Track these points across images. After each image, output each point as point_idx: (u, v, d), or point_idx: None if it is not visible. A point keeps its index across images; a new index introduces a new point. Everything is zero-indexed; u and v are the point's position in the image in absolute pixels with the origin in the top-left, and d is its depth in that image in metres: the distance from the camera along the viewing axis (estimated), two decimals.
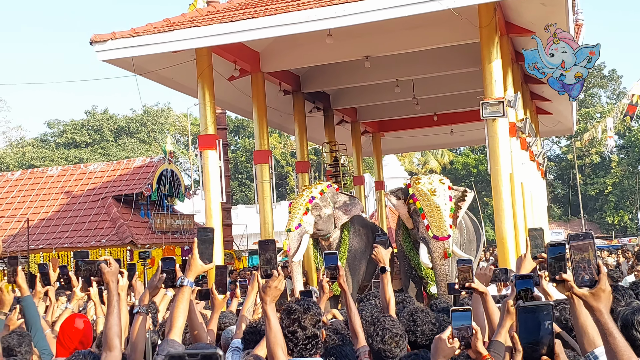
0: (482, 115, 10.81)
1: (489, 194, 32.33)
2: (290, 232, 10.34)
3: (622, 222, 49.82)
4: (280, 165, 52.48)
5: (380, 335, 3.36)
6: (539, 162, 17.95)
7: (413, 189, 9.80)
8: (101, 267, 3.00)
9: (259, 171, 14.39)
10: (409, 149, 32.22)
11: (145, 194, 18.53)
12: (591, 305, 2.11)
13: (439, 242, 9.33)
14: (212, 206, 12.30)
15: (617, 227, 49.56)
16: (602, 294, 2.11)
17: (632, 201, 50.15)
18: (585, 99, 54.49)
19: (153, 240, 18.09)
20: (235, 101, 16.21)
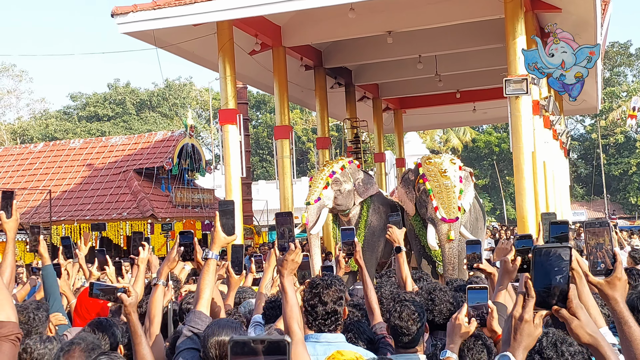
0: (505, 93, 10.68)
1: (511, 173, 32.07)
2: (309, 205, 10.34)
3: None
4: (302, 142, 52.45)
5: (398, 312, 3.34)
6: (562, 140, 17.74)
7: (423, 168, 9.69)
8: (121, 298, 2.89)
9: (279, 147, 14.39)
10: (430, 126, 32.04)
11: (166, 168, 18.61)
12: (606, 293, 2.07)
13: (447, 224, 9.26)
14: (232, 181, 12.34)
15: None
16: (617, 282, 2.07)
17: None
18: (610, 78, 53.57)
19: (173, 214, 18.21)
20: (256, 76, 16.17)
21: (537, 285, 1.77)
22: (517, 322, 1.79)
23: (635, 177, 49.26)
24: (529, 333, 1.79)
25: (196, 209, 19.65)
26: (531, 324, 1.78)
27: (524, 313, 1.78)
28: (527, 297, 1.78)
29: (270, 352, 1.26)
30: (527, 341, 1.80)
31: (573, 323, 1.75)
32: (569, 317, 1.75)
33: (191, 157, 19.54)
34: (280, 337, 1.26)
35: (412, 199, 10.02)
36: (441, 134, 51.37)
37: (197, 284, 3.15)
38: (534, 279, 1.77)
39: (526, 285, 1.78)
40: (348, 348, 3.12)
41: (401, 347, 3.38)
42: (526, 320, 1.78)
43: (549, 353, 2.49)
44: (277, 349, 1.26)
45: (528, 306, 1.77)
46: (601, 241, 2.14)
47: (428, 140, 47.90)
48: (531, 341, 1.80)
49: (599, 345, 1.78)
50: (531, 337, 1.79)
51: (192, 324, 2.98)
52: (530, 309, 1.78)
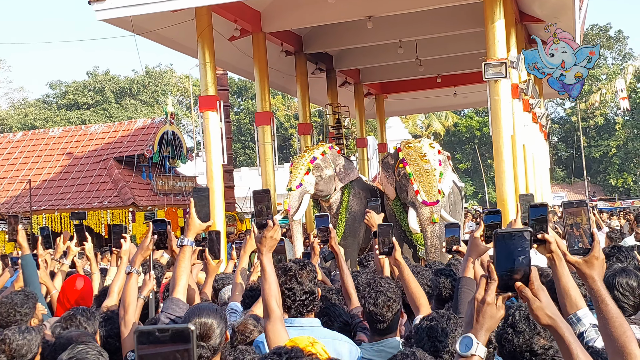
0: (485, 77, 10.73)
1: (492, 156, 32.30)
2: (291, 191, 10.35)
3: (625, 184, 49.76)
4: (284, 128, 52.36)
5: (374, 298, 3.34)
6: (541, 124, 17.85)
7: (403, 153, 9.76)
8: None
9: (261, 133, 14.35)
10: (412, 111, 32.04)
11: (147, 156, 18.51)
12: (584, 272, 2.11)
13: (428, 207, 9.33)
14: (214, 168, 12.30)
15: (620, 189, 49.53)
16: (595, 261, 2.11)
17: (635, 163, 50.00)
18: None
19: (155, 202, 18.13)
20: (236, 62, 16.08)
21: (499, 269, 1.80)
22: (480, 304, 1.82)
23: (615, 159, 49.74)
24: (491, 315, 1.81)
25: (178, 196, 19.58)
26: (493, 306, 1.81)
27: (486, 296, 1.81)
28: (489, 280, 1.81)
29: (176, 340, 1.27)
30: (490, 323, 1.82)
31: (535, 304, 1.78)
32: (532, 298, 1.78)
33: (172, 144, 19.44)
34: (184, 325, 1.26)
35: (392, 183, 10.09)
36: (423, 119, 51.47)
37: (173, 271, 3.17)
38: (496, 263, 1.80)
39: (488, 268, 1.81)
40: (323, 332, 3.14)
41: (377, 334, 3.40)
42: (488, 303, 1.80)
43: (522, 326, 2.54)
44: (182, 337, 1.27)
45: (490, 289, 1.80)
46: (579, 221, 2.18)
47: (410, 125, 47.98)
48: (493, 323, 1.83)
49: (558, 327, 1.81)
50: (494, 319, 1.82)
51: (170, 311, 2.99)
52: (492, 292, 1.80)
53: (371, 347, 3.35)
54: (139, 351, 1.26)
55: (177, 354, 1.26)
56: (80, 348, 2.66)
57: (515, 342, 2.53)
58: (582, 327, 2.48)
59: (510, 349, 2.55)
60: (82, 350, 2.65)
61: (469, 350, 1.79)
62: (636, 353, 1.92)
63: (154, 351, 1.26)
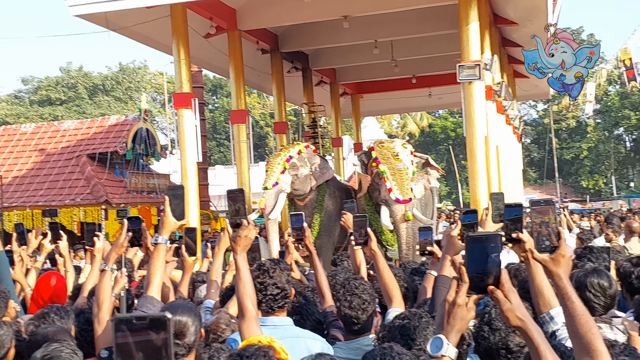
0: (459, 78, 10.83)
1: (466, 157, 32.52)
2: (267, 190, 10.34)
3: (596, 186, 50.55)
4: (260, 126, 52.25)
5: (348, 301, 3.37)
6: (515, 125, 18.06)
7: (376, 152, 9.85)
8: None
9: (236, 131, 14.33)
10: (387, 111, 32.19)
11: (120, 153, 18.33)
12: (550, 270, 2.16)
13: (401, 204, 9.43)
14: (188, 166, 12.25)
15: (591, 191, 50.26)
16: (561, 259, 2.16)
17: (607, 166, 50.80)
18: None
19: (128, 199, 17.97)
20: (211, 59, 16.02)
21: (470, 271, 1.83)
22: (451, 306, 1.85)
23: (586, 161, 50.47)
24: (462, 317, 1.84)
25: (151, 194, 19.43)
26: (464, 307, 1.84)
27: (457, 297, 1.84)
28: (460, 282, 1.84)
29: (152, 328, 1.28)
30: (460, 324, 1.85)
31: (505, 305, 1.82)
32: (502, 299, 1.82)
33: (146, 141, 19.26)
34: (161, 313, 1.28)
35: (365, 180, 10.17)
36: (398, 119, 51.73)
37: (148, 269, 3.17)
38: (468, 265, 1.84)
39: (459, 270, 1.84)
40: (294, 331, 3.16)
41: (352, 333, 3.44)
42: (459, 305, 1.84)
43: (498, 324, 2.59)
44: (159, 325, 1.29)
45: (461, 291, 1.84)
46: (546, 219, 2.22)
47: (386, 125, 48.19)
48: (464, 324, 1.86)
49: (527, 329, 1.85)
50: (464, 321, 1.85)
51: (144, 309, 2.99)
52: (463, 294, 1.84)
53: (347, 346, 3.40)
54: (117, 339, 1.28)
55: (154, 342, 1.27)
56: (55, 346, 2.65)
57: (492, 339, 2.58)
58: (554, 326, 2.54)
59: (487, 346, 2.60)
60: (56, 348, 2.65)
61: (440, 351, 1.82)
62: (602, 350, 1.97)
63: (131, 339, 1.28)
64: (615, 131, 51.58)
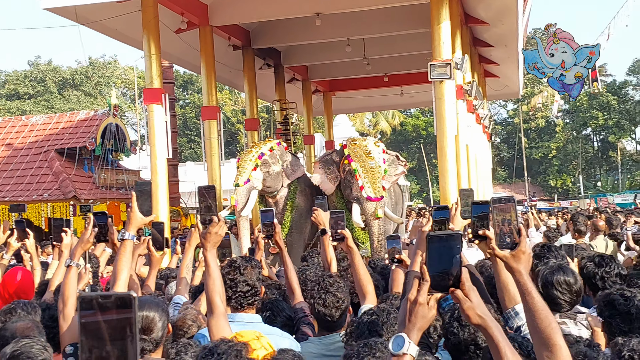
0: (430, 77, 10.92)
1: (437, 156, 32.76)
2: (239, 187, 10.33)
3: (564, 185, 51.32)
4: (231, 123, 52.06)
5: (323, 299, 3.40)
6: (485, 124, 18.26)
7: (349, 149, 9.94)
8: None
9: (207, 128, 14.26)
10: (359, 109, 32.32)
11: (89, 148, 18.13)
12: (511, 266, 2.20)
13: (373, 202, 9.51)
14: (158, 162, 12.17)
15: (559, 190, 51.01)
16: (522, 255, 2.20)
17: (574, 165, 51.55)
18: None
19: (97, 195, 17.78)
20: (183, 55, 15.92)
21: (432, 270, 1.85)
22: (412, 305, 1.86)
23: (555, 160, 51.17)
24: (423, 315, 1.86)
25: (120, 190, 19.25)
26: (425, 306, 1.85)
27: (418, 296, 1.85)
28: (422, 281, 1.86)
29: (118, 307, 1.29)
30: (422, 322, 1.87)
31: (465, 304, 1.84)
32: (462, 298, 1.84)
33: (115, 137, 19.08)
34: (127, 292, 1.29)
35: (333, 179, 10.20)
36: (370, 117, 51.94)
37: (114, 265, 3.14)
38: (429, 264, 1.86)
39: (421, 269, 1.86)
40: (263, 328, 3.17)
41: (325, 329, 3.47)
42: (420, 303, 1.85)
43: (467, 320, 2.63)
44: (124, 304, 1.29)
45: (422, 289, 1.85)
46: (508, 217, 2.26)
47: (358, 123, 48.35)
48: (425, 322, 1.87)
49: (487, 327, 1.87)
50: (425, 319, 1.87)
51: None
52: (424, 292, 1.85)
53: (320, 341, 3.43)
54: (82, 319, 1.27)
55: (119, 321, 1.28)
56: (25, 342, 2.63)
57: (461, 335, 2.62)
58: (519, 321, 2.59)
59: (456, 342, 2.64)
60: (26, 344, 2.63)
61: (401, 349, 1.83)
62: (560, 344, 2.01)
63: (96, 318, 1.28)
64: (583, 131, 52.41)
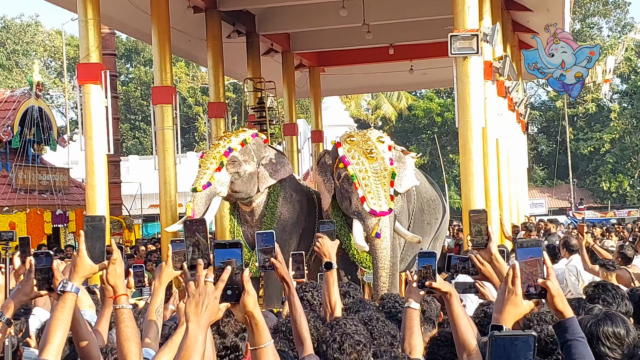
0: (451, 52, 10.99)
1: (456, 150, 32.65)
2: (197, 192, 10.37)
3: (620, 189, 51.04)
4: (187, 105, 51.93)
5: (339, 342, 3.35)
6: (519, 111, 18.39)
7: (344, 149, 9.83)
8: None
9: (159, 114, 14.28)
10: (356, 89, 32.37)
11: (4, 139, 18.15)
12: None
13: (377, 217, 9.50)
14: (95, 159, 12.21)
15: (614, 195, 50.89)
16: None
17: (633, 163, 51.32)
18: (582, 30, 55.44)
19: (14, 201, 17.79)
20: (128, 19, 15.97)
21: None
22: None
23: (608, 157, 50.91)
24: None
25: (44, 194, 19.27)
26: None
27: None
28: None
29: None
30: None
31: None
32: None
33: (38, 124, 19.11)
34: None
35: (330, 189, 10.17)
36: (369, 99, 51.94)
37: (48, 322, 3.13)
38: None
39: None
40: None
41: None
42: None
43: None
44: None
45: None
46: None
47: (353, 107, 48.44)
48: None
49: None
50: None
51: None
52: None
53: None
54: None
55: None
56: None
57: None
58: None
59: None
60: None
61: None
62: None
63: None
64: None
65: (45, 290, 3.23)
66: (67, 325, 3.01)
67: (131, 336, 3.05)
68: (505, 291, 2.62)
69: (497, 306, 2.67)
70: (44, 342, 2.99)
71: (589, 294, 4.68)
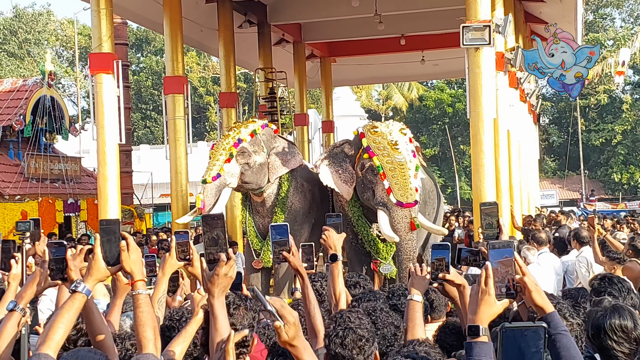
0: (463, 43, 10.96)
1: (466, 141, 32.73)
2: (207, 184, 10.40)
3: (632, 180, 50.89)
4: (198, 94, 51.95)
5: (341, 337, 3.31)
6: (531, 102, 18.35)
7: (368, 140, 9.87)
8: None
9: (171, 104, 14.33)
10: (367, 80, 32.32)
11: (16, 128, 18.21)
12: None
13: (404, 209, 9.48)
14: (107, 148, 12.25)
15: (625, 186, 50.75)
16: None
17: None
18: (594, 21, 55.22)
19: (26, 189, 17.85)
20: (140, 9, 16.00)
21: None
22: None
23: (620, 148, 50.74)
24: None
25: (56, 183, 19.34)
26: None
27: None
28: None
29: None
30: None
31: None
32: None
33: (50, 114, 19.15)
34: None
35: (348, 179, 10.15)
36: (380, 90, 51.88)
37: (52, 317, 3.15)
38: None
39: None
40: None
41: None
42: None
43: None
44: None
45: None
46: None
47: (364, 97, 48.38)
48: None
49: None
50: None
51: None
52: None
53: None
54: None
55: None
56: None
57: None
58: None
59: None
60: None
61: None
62: None
63: None
64: None
65: (59, 280, 3.28)
66: (70, 324, 3.03)
67: (147, 322, 3.07)
68: (479, 292, 2.67)
69: (471, 307, 2.72)
70: (44, 336, 2.99)
71: (595, 286, 4.69)
